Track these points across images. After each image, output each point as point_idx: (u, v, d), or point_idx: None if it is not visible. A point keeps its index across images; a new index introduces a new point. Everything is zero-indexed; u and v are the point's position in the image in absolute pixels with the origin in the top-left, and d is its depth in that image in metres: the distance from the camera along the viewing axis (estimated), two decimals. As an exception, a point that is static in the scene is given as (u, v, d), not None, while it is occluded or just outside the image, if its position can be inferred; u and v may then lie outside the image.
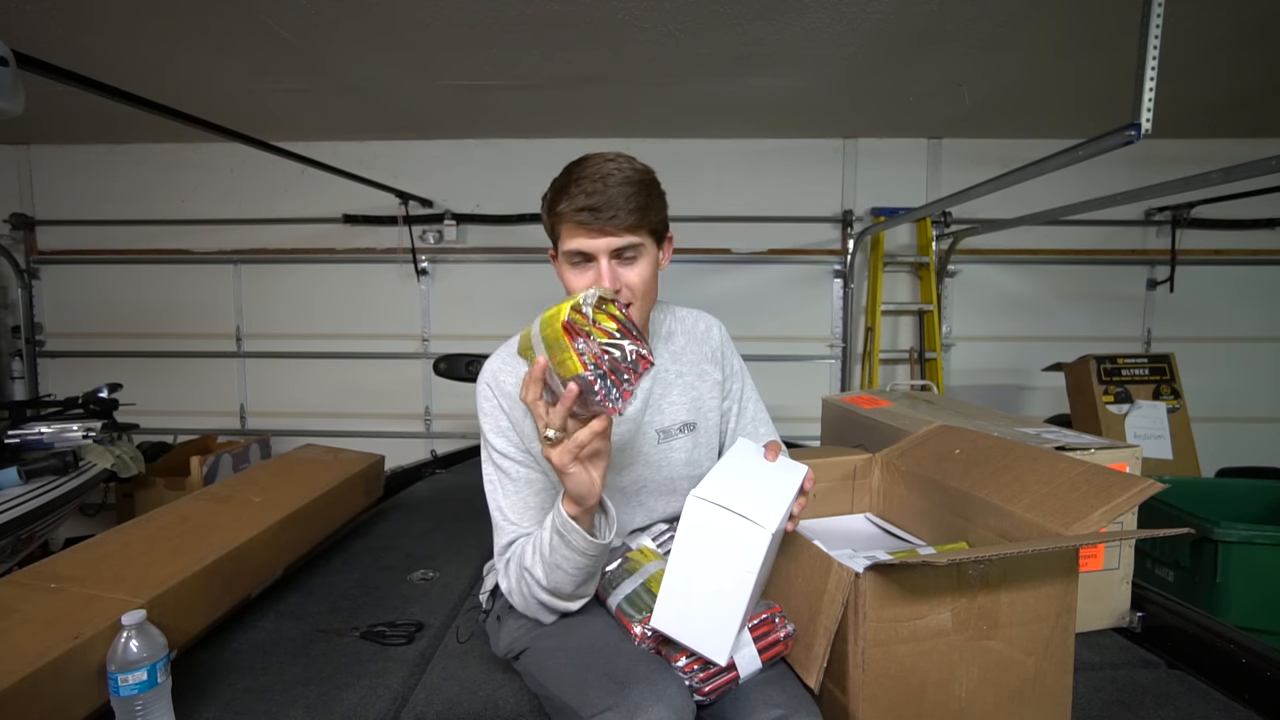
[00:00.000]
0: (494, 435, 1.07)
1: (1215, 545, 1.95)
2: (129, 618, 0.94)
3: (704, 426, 1.18)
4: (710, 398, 1.19)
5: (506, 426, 1.07)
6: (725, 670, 0.90)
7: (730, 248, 3.74)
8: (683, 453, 1.15)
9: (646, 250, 1.02)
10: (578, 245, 0.98)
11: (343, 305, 3.81)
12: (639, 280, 1.01)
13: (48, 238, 3.84)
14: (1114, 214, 3.45)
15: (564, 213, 0.97)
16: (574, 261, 1.00)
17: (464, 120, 3.34)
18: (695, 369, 1.18)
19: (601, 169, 0.97)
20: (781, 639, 0.94)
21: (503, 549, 1.06)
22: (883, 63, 2.58)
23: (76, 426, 2.48)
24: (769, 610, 0.95)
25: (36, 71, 1.45)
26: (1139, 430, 2.84)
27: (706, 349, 1.20)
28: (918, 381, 3.55)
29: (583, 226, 0.97)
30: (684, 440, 1.16)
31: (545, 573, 0.96)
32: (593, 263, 0.99)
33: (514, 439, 1.06)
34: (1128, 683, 1.17)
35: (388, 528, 1.94)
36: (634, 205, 0.97)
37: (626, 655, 0.92)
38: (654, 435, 1.13)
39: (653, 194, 1.02)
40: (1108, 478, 0.98)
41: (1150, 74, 1.39)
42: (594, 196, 0.95)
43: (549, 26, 2.25)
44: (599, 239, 0.97)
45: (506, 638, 1.09)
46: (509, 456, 1.07)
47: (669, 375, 1.16)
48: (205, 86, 2.79)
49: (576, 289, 0.98)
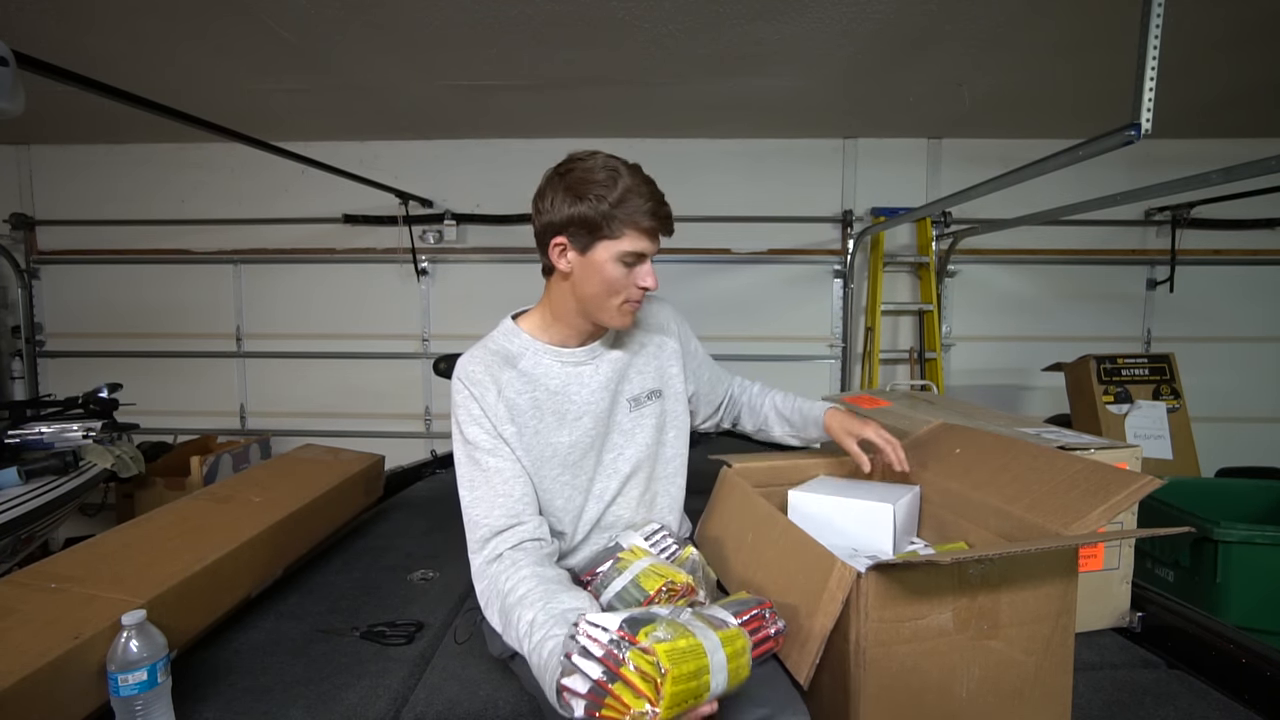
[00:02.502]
0: (467, 424, 1.09)
1: (1215, 545, 1.95)
2: (129, 618, 0.94)
3: (669, 393, 1.26)
4: (671, 365, 1.27)
5: (479, 414, 1.09)
6: None
7: (730, 248, 3.74)
8: (652, 418, 1.23)
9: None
10: (645, 249, 1.07)
11: (343, 305, 3.82)
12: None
13: (48, 238, 3.84)
14: (1114, 214, 3.45)
15: (637, 215, 1.04)
16: (628, 261, 1.07)
17: (464, 120, 3.34)
18: (654, 339, 1.27)
19: (644, 177, 1.07)
20: (772, 635, 0.93)
21: (477, 546, 1.05)
22: (883, 63, 2.58)
23: (76, 426, 2.48)
24: (759, 605, 0.94)
25: (36, 71, 1.45)
26: (1139, 430, 2.84)
27: (658, 320, 1.29)
28: (918, 381, 3.56)
29: (652, 233, 1.07)
30: (653, 407, 1.23)
31: (521, 647, 0.90)
32: (642, 261, 1.09)
33: (486, 425, 1.09)
34: (1128, 683, 1.17)
35: (388, 528, 1.94)
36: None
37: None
38: (626, 404, 1.20)
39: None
40: (1106, 475, 0.98)
41: (1150, 74, 1.39)
42: (663, 207, 1.07)
43: (549, 26, 2.25)
44: (657, 244, 1.09)
45: (501, 640, 1.09)
46: (479, 446, 1.08)
47: (634, 345, 1.24)
48: (205, 86, 2.79)
49: (619, 282, 1.08)
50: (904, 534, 1.19)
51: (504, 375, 1.12)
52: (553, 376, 1.15)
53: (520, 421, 1.11)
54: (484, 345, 1.16)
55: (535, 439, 1.12)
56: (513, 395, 1.11)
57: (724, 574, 1.17)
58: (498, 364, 1.13)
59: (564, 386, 1.15)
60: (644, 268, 1.09)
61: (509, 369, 1.13)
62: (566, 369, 1.16)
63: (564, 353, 1.16)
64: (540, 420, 1.13)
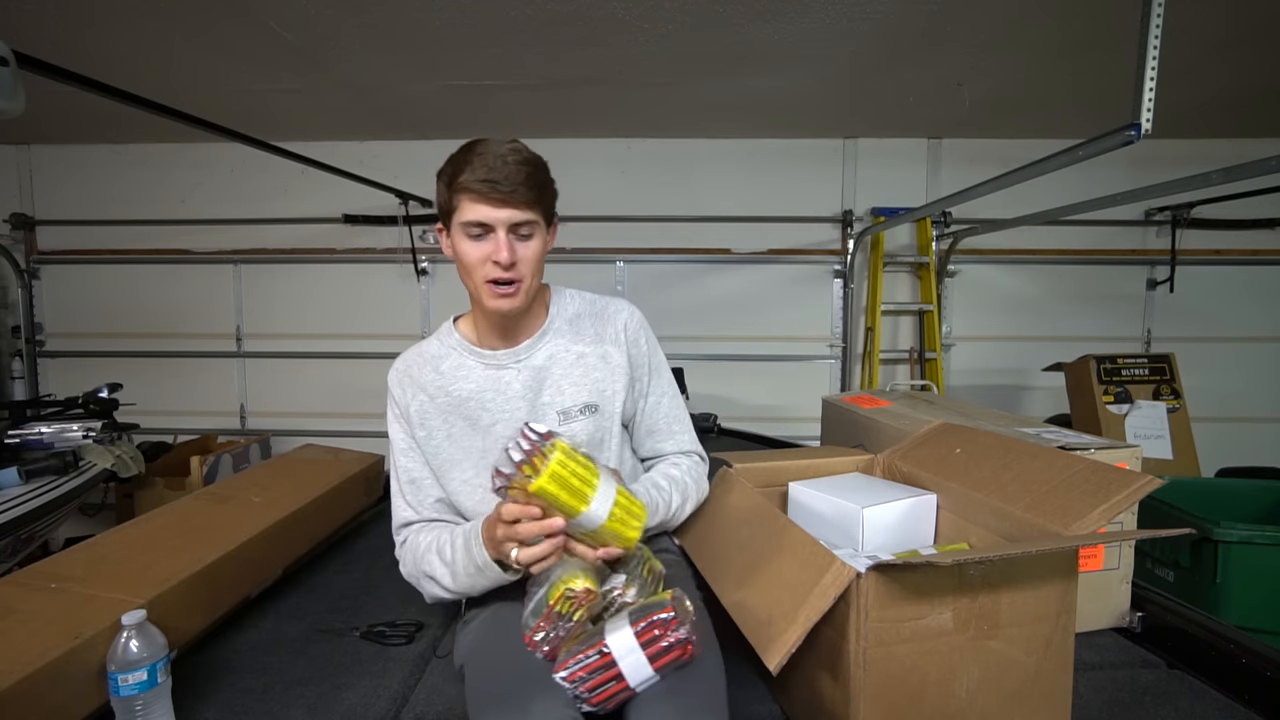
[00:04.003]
0: (389, 422, 1.19)
1: (1215, 545, 1.95)
2: (129, 618, 0.94)
3: (606, 409, 1.18)
4: (613, 381, 1.18)
5: (397, 414, 1.17)
6: (612, 680, 0.87)
7: (730, 248, 3.74)
8: (585, 434, 1.16)
9: (539, 230, 1.07)
10: (478, 216, 1.02)
11: (343, 305, 3.82)
12: (533, 257, 1.06)
13: (48, 238, 3.84)
14: (1114, 214, 3.44)
15: (466, 183, 1.01)
16: (472, 234, 1.04)
17: (464, 120, 3.34)
18: (597, 350, 1.18)
19: (500, 149, 1.02)
20: (673, 644, 0.88)
21: (397, 528, 1.19)
22: (883, 63, 2.58)
23: (76, 426, 2.48)
24: (662, 609, 0.90)
25: (36, 71, 1.45)
26: (1139, 430, 2.84)
27: (610, 330, 1.19)
28: (918, 381, 3.56)
29: (484, 197, 1.01)
30: (584, 422, 1.16)
31: (454, 584, 1.07)
32: (491, 234, 1.03)
33: (403, 425, 1.17)
34: (1128, 683, 1.17)
35: (388, 528, 1.93)
36: (533, 183, 1.02)
37: (513, 669, 0.93)
38: (555, 416, 1.15)
39: (547, 177, 1.08)
40: (1106, 475, 0.98)
41: (1150, 74, 1.39)
42: (496, 171, 1.00)
43: (549, 26, 2.25)
44: (500, 210, 1.01)
45: (459, 651, 1.12)
46: (395, 444, 1.18)
47: (569, 356, 1.17)
48: (205, 86, 2.79)
49: (472, 259, 1.05)
50: (899, 540, 1.19)
51: (424, 377, 1.16)
52: (470, 380, 1.15)
53: (430, 426, 1.15)
54: (417, 345, 1.21)
55: (447, 442, 1.15)
56: (425, 400, 1.15)
57: (721, 571, 1.17)
58: (419, 365, 1.17)
59: (478, 392, 1.14)
60: (492, 241, 1.03)
61: (430, 371, 1.16)
62: (487, 372, 1.15)
63: (486, 355, 1.15)
64: (451, 425, 1.15)
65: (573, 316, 1.20)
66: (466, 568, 1.04)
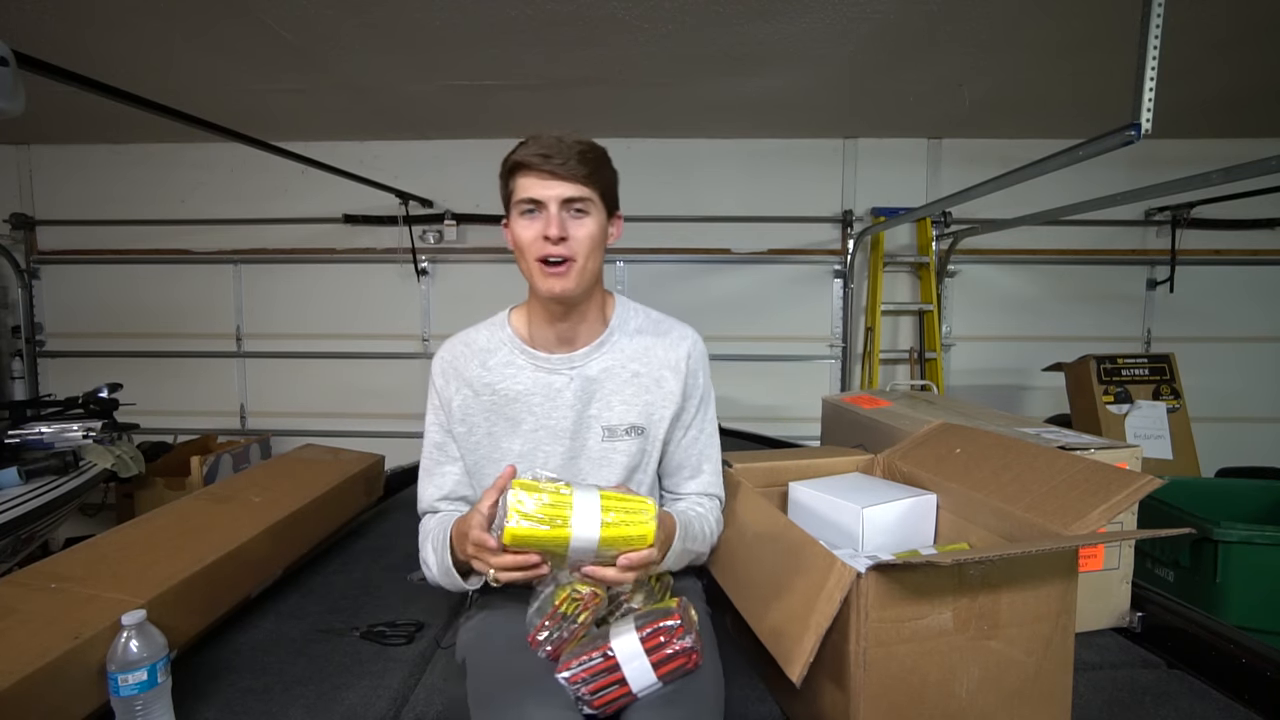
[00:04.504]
0: (428, 410, 1.17)
1: (1215, 545, 1.95)
2: (129, 618, 0.94)
3: (652, 434, 1.13)
4: (664, 407, 1.13)
5: (437, 405, 1.15)
6: (614, 684, 0.88)
7: (730, 248, 3.74)
8: (626, 456, 1.11)
9: (596, 208, 1.03)
10: (530, 193, 0.99)
11: (343, 305, 3.81)
12: (586, 236, 1.02)
13: (48, 238, 3.84)
14: (1114, 214, 3.44)
15: (520, 158, 0.99)
16: (524, 210, 1.01)
17: (464, 120, 3.34)
18: (654, 373, 1.13)
19: (557, 132, 1.01)
20: (679, 651, 0.89)
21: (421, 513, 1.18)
22: (883, 63, 2.58)
23: (76, 426, 2.48)
24: (668, 616, 0.91)
25: (36, 71, 1.45)
26: (1139, 430, 2.84)
27: (672, 356, 1.14)
28: (918, 381, 3.55)
29: (535, 171, 0.98)
30: (629, 444, 1.11)
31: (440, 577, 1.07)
32: (542, 211, 1.00)
33: (441, 417, 1.14)
34: (1128, 683, 1.17)
35: (388, 528, 1.94)
36: (587, 159, 1.00)
37: (512, 670, 0.93)
38: (600, 431, 1.11)
39: (605, 161, 1.05)
40: (1106, 475, 0.98)
41: (1150, 74, 1.39)
42: (549, 146, 0.98)
43: (549, 26, 2.25)
44: (551, 183, 0.98)
45: (458, 648, 1.12)
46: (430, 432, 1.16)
47: (624, 372, 1.12)
48: (205, 86, 2.79)
49: (525, 239, 1.01)
50: (899, 540, 1.19)
51: (470, 371, 1.12)
52: (518, 380, 1.11)
53: (471, 422, 1.12)
54: (465, 335, 1.17)
55: (486, 440, 1.12)
56: (469, 395, 1.12)
57: (724, 572, 1.17)
58: (466, 358, 1.14)
59: (526, 394, 1.10)
60: (543, 216, 0.99)
61: (477, 366, 1.13)
62: (537, 375, 1.11)
63: (539, 356, 1.11)
64: (493, 424, 1.12)
65: (633, 332, 1.15)
66: (441, 570, 1.05)
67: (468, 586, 1.05)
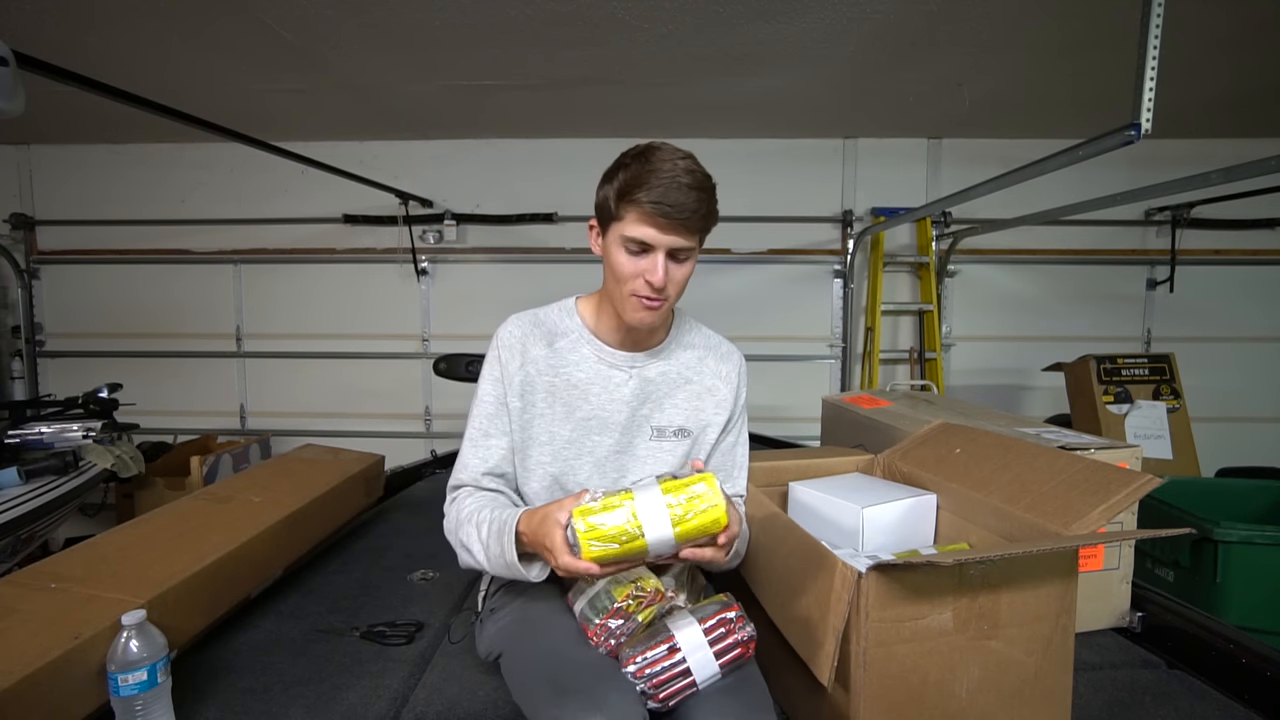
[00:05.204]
0: (485, 380, 1.14)
1: (1215, 545, 1.95)
2: (129, 618, 0.94)
3: (699, 440, 1.18)
4: (715, 414, 1.18)
5: (497, 376, 1.13)
6: (679, 676, 0.89)
7: (730, 248, 3.74)
8: (671, 456, 1.15)
9: (694, 253, 1.07)
10: (644, 235, 1.01)
11: (343, 305, 3.81)
12: (683, 279, 1.07)
13: (48, 238, 3.83)
14: (1114, 214, 3.44)
15: (640, 200, 0.99)
16: (632, 250, 1.03)
17: (464, 120, 3.34)
18: (706, 382, 1.19)
19: (677, 166, 1.01)
20: (741, 641, 0.91)
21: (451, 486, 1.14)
22: (883, 63, 2.58)
23: (76, 426, 2.48)
24: (727, 608, 0.93)
25: (36, 71, 1.45)
26: (1139, 430, 2.84)
27: (724, 369, 1.20)
28: (918, 381, 3.55)
29: (652, 220, 1.00)
30: (675, 445, 1.16)
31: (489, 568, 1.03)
32: (650, 253, 1.02)
33: (498, 390, 1.12)
34: (1128, 683, 1.17)
35: (388, 528, 1.94)
36: (703, 212, 1.02)
37: (577, 662, 0.93)
38: (649, 430, 1.15)
39: (714, 202, 1.06)
40: (1106, 475, 0.98)
41: (1150, 74, 1.39)
42: (672, 194, 0.98)
43: (549, 27, 2.25)
44: (666, 236, 1.01)
45: (486, 642, 1.11)
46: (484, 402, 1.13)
47: (679, 379, 1.17)
48: (205, 86, 2.79)
49: (625, 272, 1.03)
50: (900, 540, 1.19)
51: (536, 350, 1.13)
52: (581, 369, 1.13)
53: (528, 399, 1.12)
54: (534, 314, 1.17)
55: (540, 420, 1.13)
56: (533, 373, 1.12)
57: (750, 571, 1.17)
58: (534, 336, 1.14)
59: (587, 382, 1.13)
60: (650, 260, 1.01)
61: (543, 346, 1.14)
62: (599, 367, 1.13)
63: (604, 349, 1.14)
64: (550, 407, 1.13)
65: (690, 344, 1.21)
66: (496, 559, 1.01)
67: (531, 578, 1.00)
